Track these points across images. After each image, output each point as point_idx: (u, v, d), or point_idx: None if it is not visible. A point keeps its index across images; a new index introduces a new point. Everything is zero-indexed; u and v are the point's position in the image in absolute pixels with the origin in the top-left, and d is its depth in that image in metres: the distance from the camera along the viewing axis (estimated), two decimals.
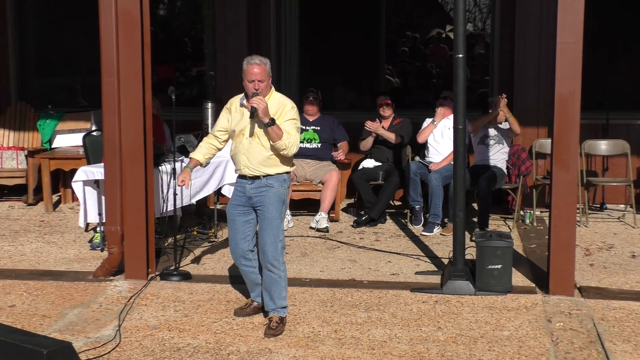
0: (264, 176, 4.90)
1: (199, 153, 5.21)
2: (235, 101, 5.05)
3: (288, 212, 7.68)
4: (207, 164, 5.38)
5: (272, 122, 4.77)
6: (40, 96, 9.74)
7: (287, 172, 5.00)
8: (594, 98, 8.64)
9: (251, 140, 4.90)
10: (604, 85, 8.88)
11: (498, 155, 7.76)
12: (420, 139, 7.98)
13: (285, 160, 4.96)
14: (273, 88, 4.98)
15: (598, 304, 5.37)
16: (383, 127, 8.08)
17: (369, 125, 8.02)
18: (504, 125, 7.71)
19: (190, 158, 5.24)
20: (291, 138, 4.85)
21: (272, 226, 4.88)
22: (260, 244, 4.93)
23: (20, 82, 9.83)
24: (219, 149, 5.21)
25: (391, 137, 8.03)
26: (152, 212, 6.04)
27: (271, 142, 4.84)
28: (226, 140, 5.18)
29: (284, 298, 4.96)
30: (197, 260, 6.55)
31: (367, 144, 8.18)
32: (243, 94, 5.00)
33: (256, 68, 4.82)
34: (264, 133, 4.86)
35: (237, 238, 5.03)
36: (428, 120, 8.00)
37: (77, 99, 9.97)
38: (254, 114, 4.80)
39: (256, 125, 4.88)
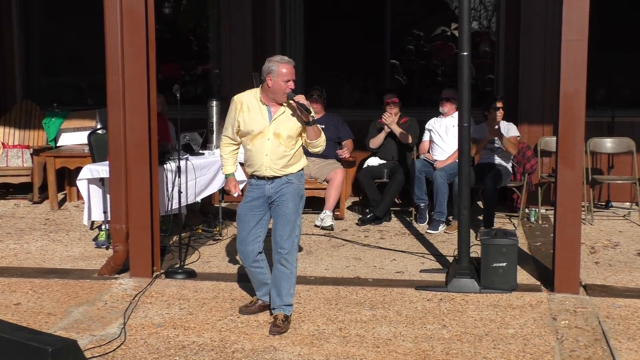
0: (285, 175, 4.90)
1: (230, 166, 5.19)
2: (246, 98, 4.94)
3: None
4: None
5: (314, 120, 4.82)
6: (46, 94, 9.76)
7: (303, 168, 5.03)
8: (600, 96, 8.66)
9: (274, 140, 4.85)
10: (609, 83, 8.87)
11: (502, 156, 7.76)
12: (422, 150, 8.04)
13: (302, 157, 5.00)
14: None
15: (603, 302, 5.36)
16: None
17: (386, 116, 8.01)
18: (505, 135, 7.71)
19: (227, 175, 5.20)
20: (324, 135, 4.96)
21: (289, 222, 4.87)
22: (276, 239, 4.90)
23: (25, 81, 9.87)
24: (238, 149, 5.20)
25: (404, 135, 8.01)
26: (157, 210, 6.05)
27: (308, 140, 4.88)
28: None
29: (291, 295, 4.96)
30: (201, 258, 6.55)
31: (377, 140, 8.17)
32: (257, 91, 4.92)
33: (287, 67, 4.82)
34: (289, 133, 4.85)
35: (249, 240, 4.99)
36: (427, 133, 8.05)
37: (82, 98, 9.99)
38: (310, 112, 4.77)
39: (280, 125, 4.85)
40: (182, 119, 6.16)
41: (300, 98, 4.78)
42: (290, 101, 4.82)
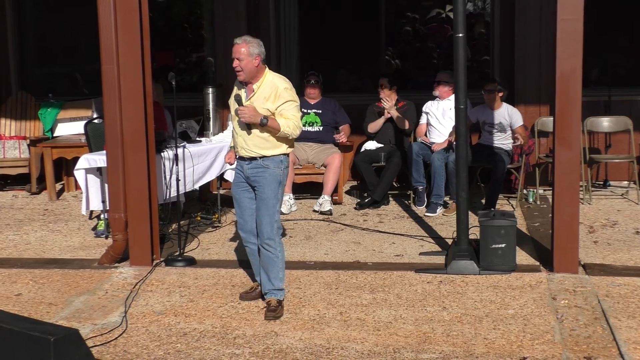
0: (260, 157, 4.92)
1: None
2: (236, 82, 5.07)
3: (291, 195, 7.69)
4: None
5: (265, 120, 4.81)
6: (41, 85, 9.73)
7: (285, 154, 5.00)
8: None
9: (246, 123, 4.91)
10: (605, 62, 8.85)
11: (502, 140, 7.72)
12: (419, 133, 8.05)
13: (283, 141, 4.96)
14: (267, 69, 4.97)
15: (602, 281, 5.38)
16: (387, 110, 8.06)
17: (384, 103, 8.00)
18: (506, 120, 7.67)
19: (231, 147, 5.29)
20: (290, 122, 4.86)
21: (267, 206, 4.92)
22: (257, 223, 4.98)
23: (20, 72, 9.82)
24: None
25: (401, 120, 8.00)
26: (156, 199, 6.05)
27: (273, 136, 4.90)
28: None
29: (280, 279, 4.99)
30: (201, 245, 6.56)
31: (376, 125, 8.15)
32: None
33: (235, 47, 4.88)
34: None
35: (245, 215, 5.07)
36: (424, 116, 8.05)
37: (77, 87, 9.97)
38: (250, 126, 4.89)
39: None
40: (178, 107, 6.14)
41: (240, 114, 4.85)
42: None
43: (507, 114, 7.68)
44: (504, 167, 7.52)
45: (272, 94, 4.87)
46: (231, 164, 5.30)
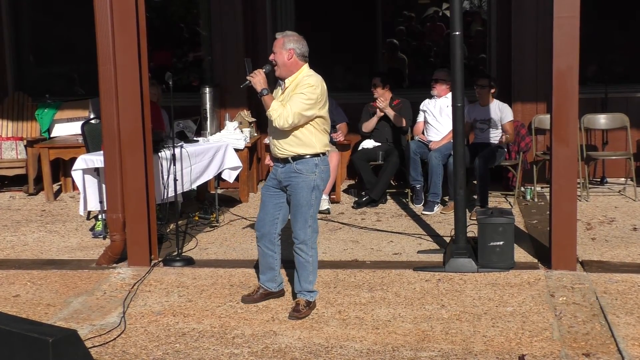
0: (292, 159, 4.85)
1: None
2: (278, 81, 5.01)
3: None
4: None
5: (262, 93, 4.77)
6: (38, 85, 9.71)
7: (318, 155, 4.85)
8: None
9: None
10: (602, 59, 8.86)
11: (495, 136, 7.73)
12: (417, 131, 8.04)
13: (314, 140, 4.83)
14: (305, 66, 4.88)
15: (600, 278, 5.39)
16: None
17: (378, 103, 8.00)
18: (497, 115, 7.67)
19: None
20: (281, 110, 4.70)
21: (300, 212, 4.89)
22: (292, 226, 4.96)
23: (17, 72, 9.81)
24: None
25: (397, 118, 8.00)
26: (153, 199, 6.05)
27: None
28: None
29: (310, 282, 4.97)
30: (199, 245, 6.55)
31: (370, 124, 8.16)
32: None
33: (274, 41, 4.90)
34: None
35: (266, 220, 5.04)
36: (421, 114, 8.05)
37: (74, 88, 9.96)
38: (247, 86, 4.90)
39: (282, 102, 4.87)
40: (175, 107, 6.14)
41: (250, 76, 4.82)
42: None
43: (497, 110, 7.68)
44: (485, 163, 7.35)
45: (298, 84, 4.78)
46: (271, 166, 5.23)
